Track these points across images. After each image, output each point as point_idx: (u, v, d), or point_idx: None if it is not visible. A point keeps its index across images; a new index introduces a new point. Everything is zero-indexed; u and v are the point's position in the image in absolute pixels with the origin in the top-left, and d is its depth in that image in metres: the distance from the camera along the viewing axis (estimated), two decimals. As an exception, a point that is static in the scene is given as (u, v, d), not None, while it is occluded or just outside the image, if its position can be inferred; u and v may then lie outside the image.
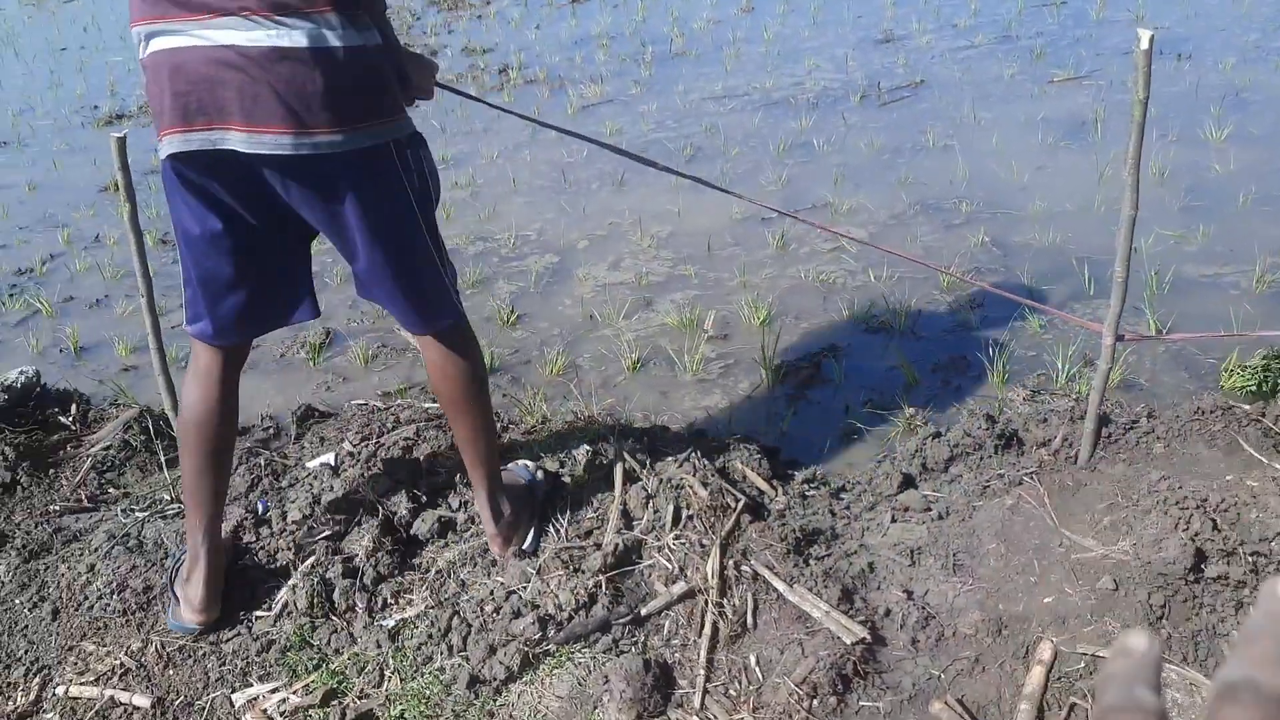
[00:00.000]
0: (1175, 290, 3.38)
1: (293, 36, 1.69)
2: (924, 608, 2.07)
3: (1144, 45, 1.94)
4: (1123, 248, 2.16)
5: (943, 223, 4.10)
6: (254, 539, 2.37)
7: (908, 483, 2.54)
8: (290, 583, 2.23)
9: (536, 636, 2.02)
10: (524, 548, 2.26)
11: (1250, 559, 1.92)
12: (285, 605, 2.20)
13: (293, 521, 2.39)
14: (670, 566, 2.20)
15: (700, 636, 2.05)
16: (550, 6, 9.03)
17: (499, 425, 2.92)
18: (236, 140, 1.73)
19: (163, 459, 2.71)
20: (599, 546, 2.24)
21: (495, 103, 2.74)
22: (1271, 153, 4.36)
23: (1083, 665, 1.86)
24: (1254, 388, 2.75)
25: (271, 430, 3.07)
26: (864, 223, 4.20)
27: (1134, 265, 3.33)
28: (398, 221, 1.89)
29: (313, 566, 2.24)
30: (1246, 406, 2.44)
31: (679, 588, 2.14)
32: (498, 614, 2.07)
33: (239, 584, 2.26)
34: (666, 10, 7.84)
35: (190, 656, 2.11)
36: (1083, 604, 1.96)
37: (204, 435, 2.08)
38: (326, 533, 2.34)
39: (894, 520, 2.36)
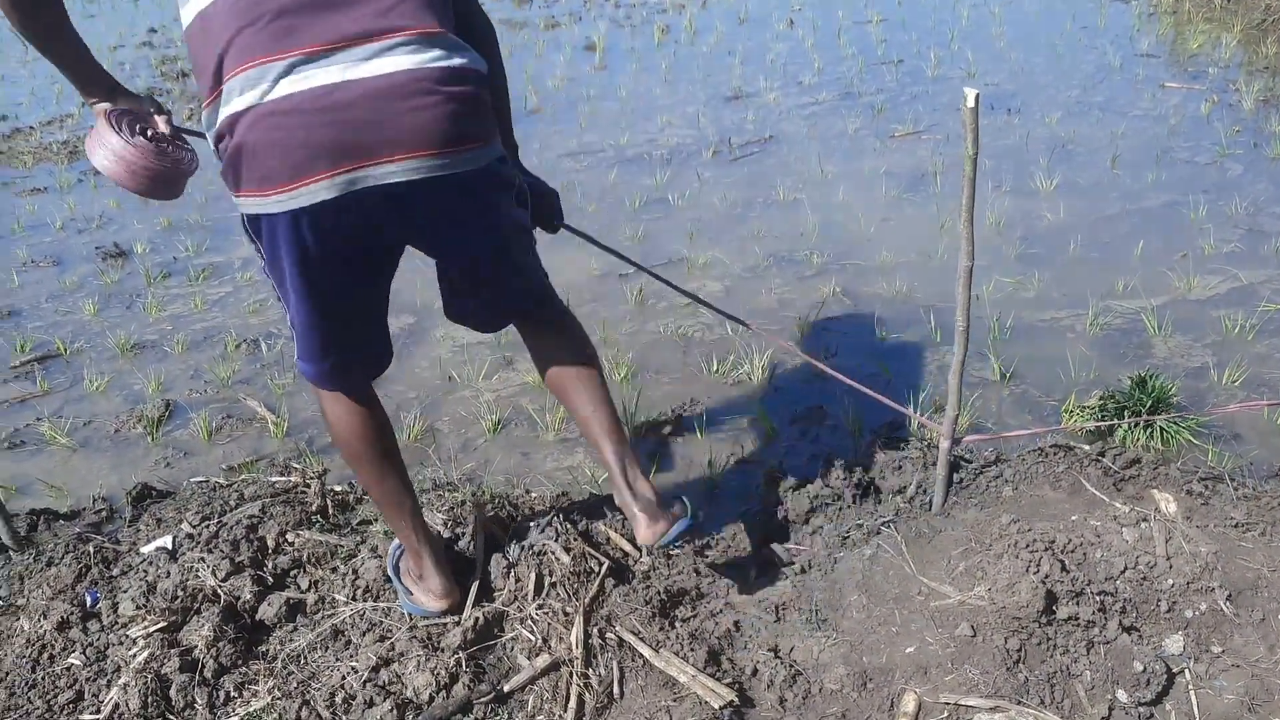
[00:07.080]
0: (1016, 335, 3.53)
1: (453, 59, 1.72)
2: (791, 665, 2.05)
3: (970, 104, 2.01)
4: (962, 297, 2.22)
5: (795, 275, 4.18)
6: (82, 635, 2.19)
7: (769, 537, 2.54)
8: (122, 681, 2.05)
9: (393, 724, 1.92)
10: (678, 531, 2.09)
11: (1098, 598, 1.98)
12: (116, 706, 2.02)
13: (124, 613, 2.21)
14: (533, 638, 2.13)
15: (566, 710, 1.98)
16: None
17: (352, 495, 2.80)
18: (390, 171, 1.68)
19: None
20: (459, 622, 2.15)
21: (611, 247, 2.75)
22: (1095, 201, 4.63)
23: (945, 715, 1.87)
24: (1092, 428, 2.87)
25: (104, 513, 2.86)
26: (719, 276, 4.25)
27: (976, 312, 3.48)
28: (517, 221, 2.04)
29: (146, 662, 2.08)
30: (1086, 446, 2.54)
31: (542, 660, 2.07)
32: (351, 703, 1.95)
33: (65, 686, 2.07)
34: (520, 68, 7.85)
35: (4, 773, 1.92)
36: (943, 652, 1.97)
37: (366, 442, 2.10)
38: (162, 624, 2.17)
39: (757, 576, 2.35)
